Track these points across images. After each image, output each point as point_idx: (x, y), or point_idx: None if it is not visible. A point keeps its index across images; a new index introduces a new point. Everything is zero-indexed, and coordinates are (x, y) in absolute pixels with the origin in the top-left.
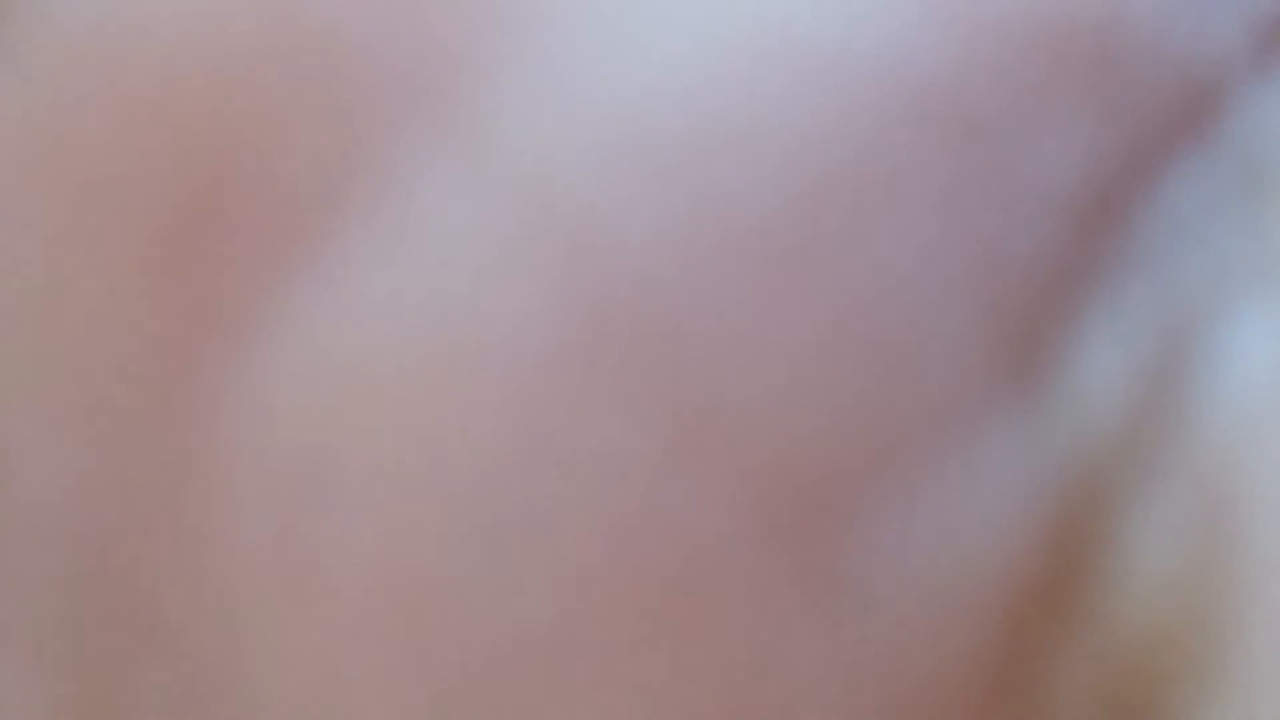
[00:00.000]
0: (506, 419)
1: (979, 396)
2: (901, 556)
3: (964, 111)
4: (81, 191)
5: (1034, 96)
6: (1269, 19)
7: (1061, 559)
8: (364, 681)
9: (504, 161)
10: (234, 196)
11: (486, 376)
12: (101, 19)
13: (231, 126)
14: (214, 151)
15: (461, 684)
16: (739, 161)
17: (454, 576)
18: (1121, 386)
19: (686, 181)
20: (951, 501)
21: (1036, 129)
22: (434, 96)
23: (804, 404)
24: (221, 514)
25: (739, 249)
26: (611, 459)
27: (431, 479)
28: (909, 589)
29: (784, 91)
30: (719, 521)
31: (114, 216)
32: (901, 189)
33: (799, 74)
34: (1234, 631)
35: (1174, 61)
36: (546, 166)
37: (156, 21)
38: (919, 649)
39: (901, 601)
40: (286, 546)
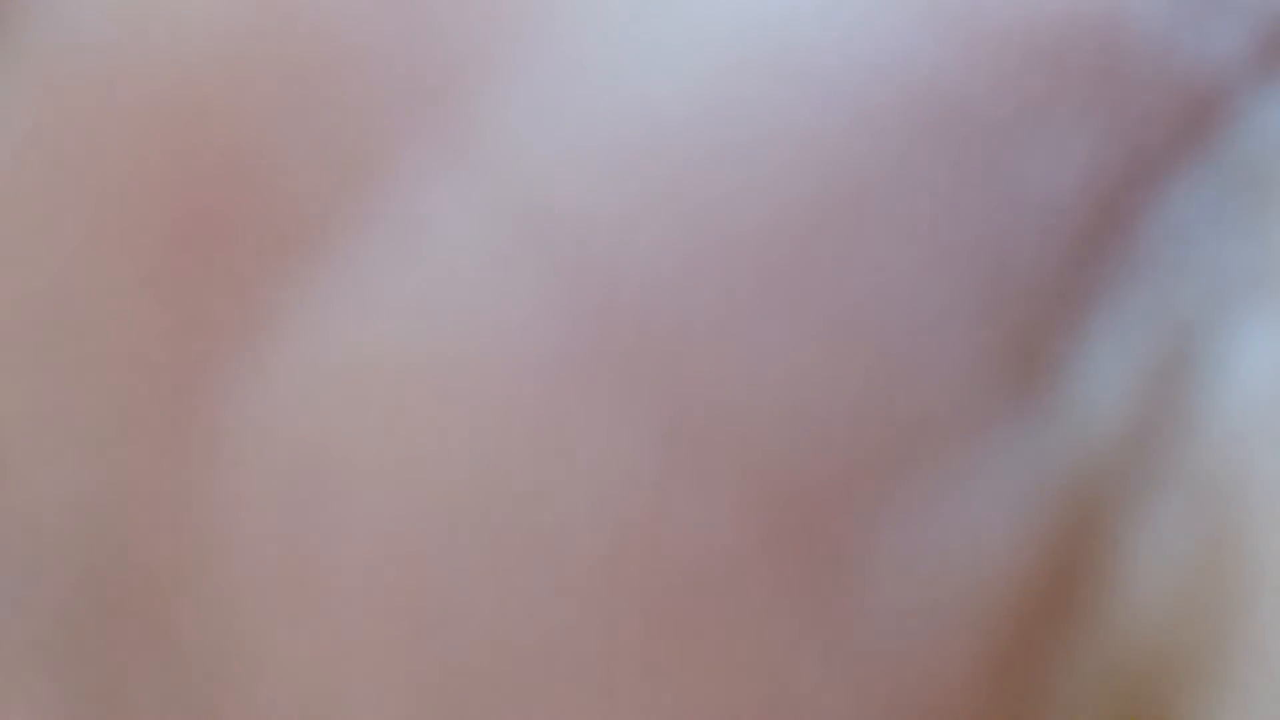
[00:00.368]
0: (509, 425)
1: (982, 404)
2: (905, 564)
3: (966, 119)
4: (87, 197)
5: (1036, 104)
6: (1271, 27)
7: (1064, 566)
8: (366, 685)
9: (508, 168)
10: (238, 203)
11: (489, 382)
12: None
13: (236, 133)
14: (218, 158)
15: (463, 689)
16: (741, 169)
17: (456, 582)
18: (1124, 393)
19: (689, 189)
20: (954, 509)
21: (1039, 136)
22: (439, 104)
23: (806, 411)
24: (225, 517)
25: (741, 256)
26: (614, 466)
27: (435, 485)
28: (912, 596)
29: (786, 99)
30: (721, 528)
31: (119, 221)
32: (904, 197)
33: (802, 82)
34: (1237, 638)
35: (1176, 69)
36: (550, 174)
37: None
38: (923, 656)
39: (905, 609)
40: (289, 550)
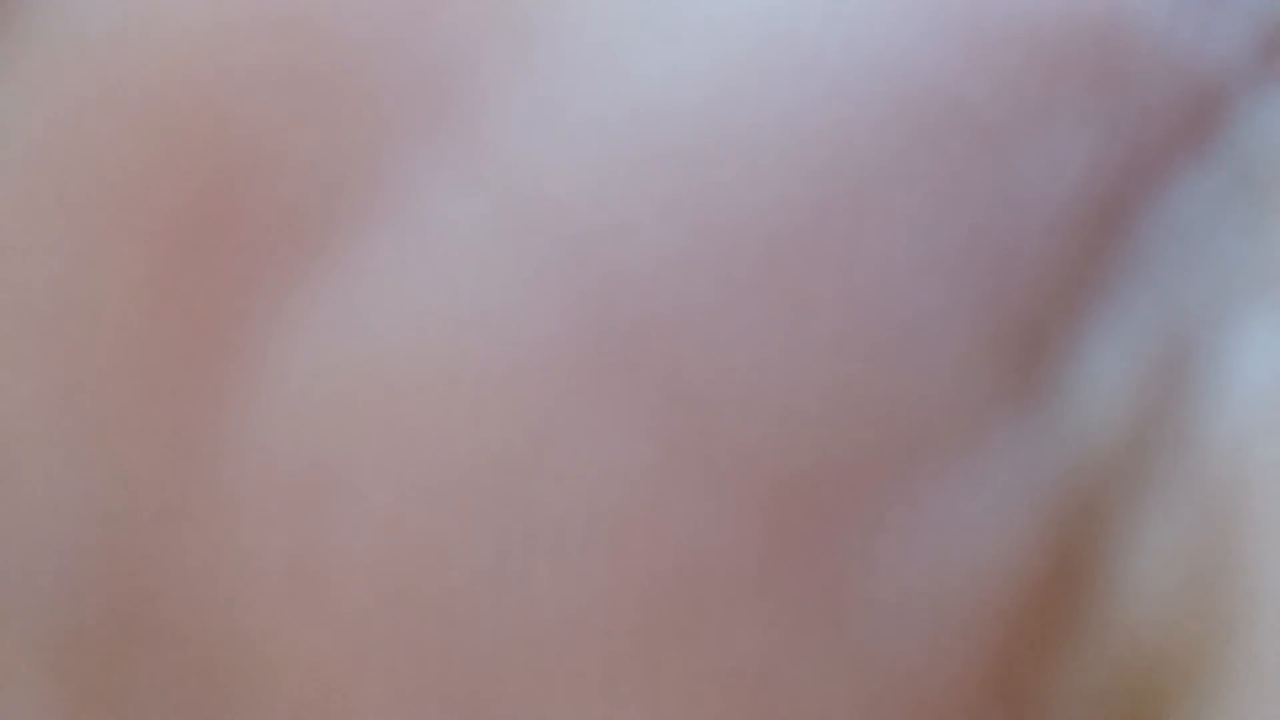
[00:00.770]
0: (511, 425)
1: (982, 403)
2: (905, 563)
3: (967, 117)
4: (90, 198)
5: (1038, 103)
6: (1272, 26)
7: (1064, 566)
8: (370, 685)
9: (509, 169)
10: (241, 205)
11: (491, 382)
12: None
13: (239, 134)
14: (221, 158)
15: (467, 689)
16: (743, 169)
17: (460, 582)
18: (1124, 393)
19: (690, 185)
20: (955, 508)
21: (1040, 135)
22: (440, 105)
23: (806, 408)
24: (230, 519)
25: (742, 253)
26: (616, 465)
27: (437, 486)
28: (912, 595)
29: (788, 98)
30: (722, 525)
31: (121, 224)
32: (905, 196)
33: (803, 81)
34: (1235, 639)
35: (1178, 68)
36: (551, 171)
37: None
38: (922, 655)
39: (905, 608)
40: (294, 550)
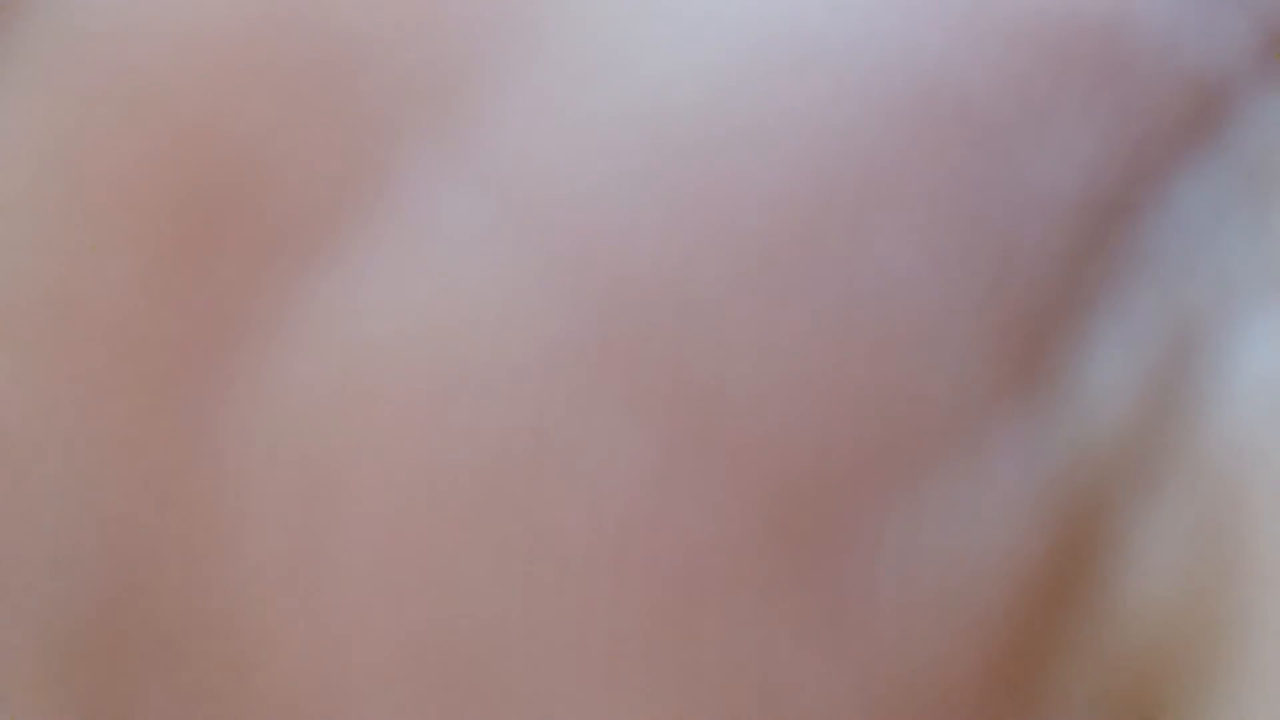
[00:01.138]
0: (514, 424)
1: (985, 400)
2: (908, 561)
3: (972, 114)
4: (90, 197)
5: (1042, 100)
6: (1275, 24)
7: (1066, 562)
8: (373, 683)
9: (512, 167)
10: (244, 202)
11: (494, 382)
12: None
13: (241, 133)
14: (223, 158)
15: (469, 687)
16: (747, 163)
17: (461, 579)
18: (1127, 390)
19: (694, 185)
20: (958, 506)
21: (1044, 132)
22: (443, 103)
23: (809, 406)
24: (231, 519)
25: (746, 250)
26: (618, 459)
27: (439, 485)
28: (914, 592)
29: (791, 97)
30: (725, 525)
31: (123, 222)
32: (909, 193)
33: (807, 78)
34: (1237, 635)
35: (1182, 66)
36: (555, 169)
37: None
38: (925, 653)
39: (908, 606)
40: (297, 549)
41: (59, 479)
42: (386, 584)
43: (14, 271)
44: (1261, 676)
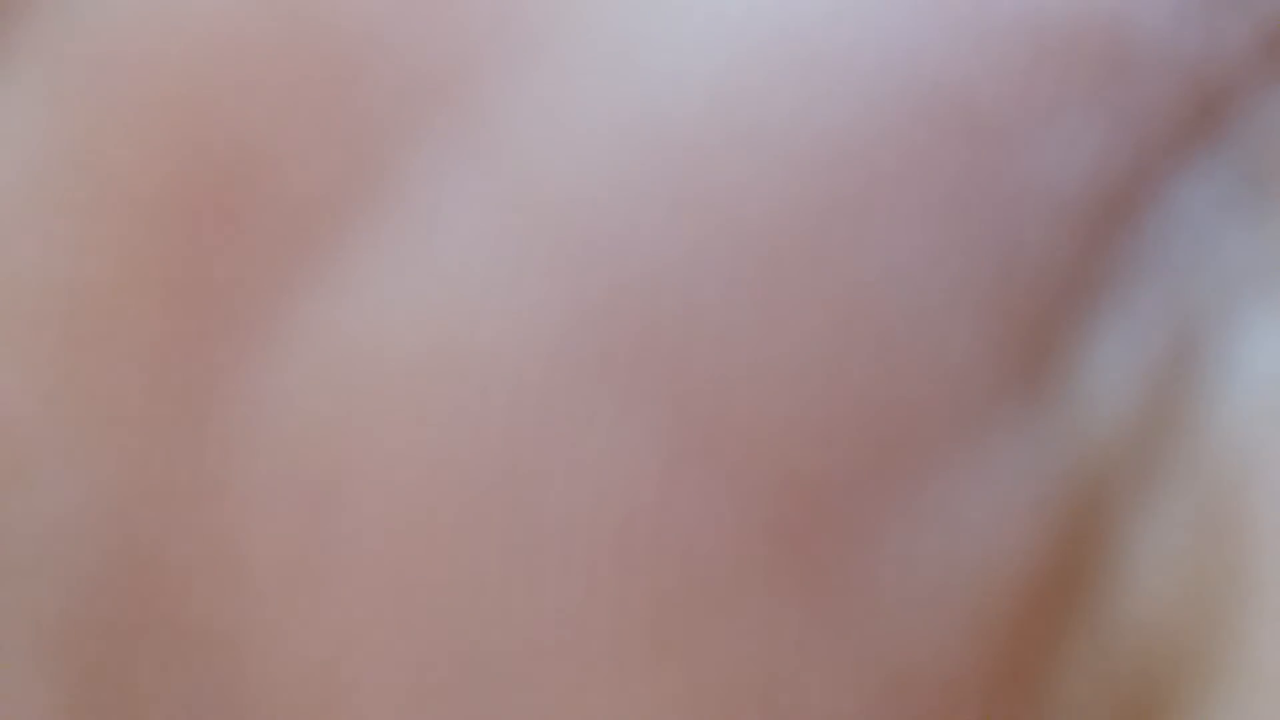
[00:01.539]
0: (516, 420)
1: (987, 399)
2: (910, 559)
3: (973, 115)
4: (98, 194)
5: (1043, 100)
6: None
7: (1067, 562)
8: (376, 679)
9: (515, 165)
10: (249, 198)
11: (497, 377)
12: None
13: (246, 129)
14: (228, 154)
15: (471, 683)
16: (750, 162)
17: (465, 576)
18: (1129, 390)
19: (696, 184)
20: (958, 504)
21: (1046, 132)
22: (448, 100)
23: (812, 405)
24: (239, 510)
25: (748, 248)
26: (620, 460)
27: (442, 481)
28: (916, 590)
29: (795, 93)
30: (727, 522)
31: (130, 218)
32: (911, 192)
33: (810, 75)
34: (1238, 635)
35: (1184, 66)
36: (558, 167)
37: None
38: (927, 651)
39: (908, 603)
40: (304, 542)
41: (63, 470)
42: (389, 581)
43: (16, 267)
44: (1263, 674)
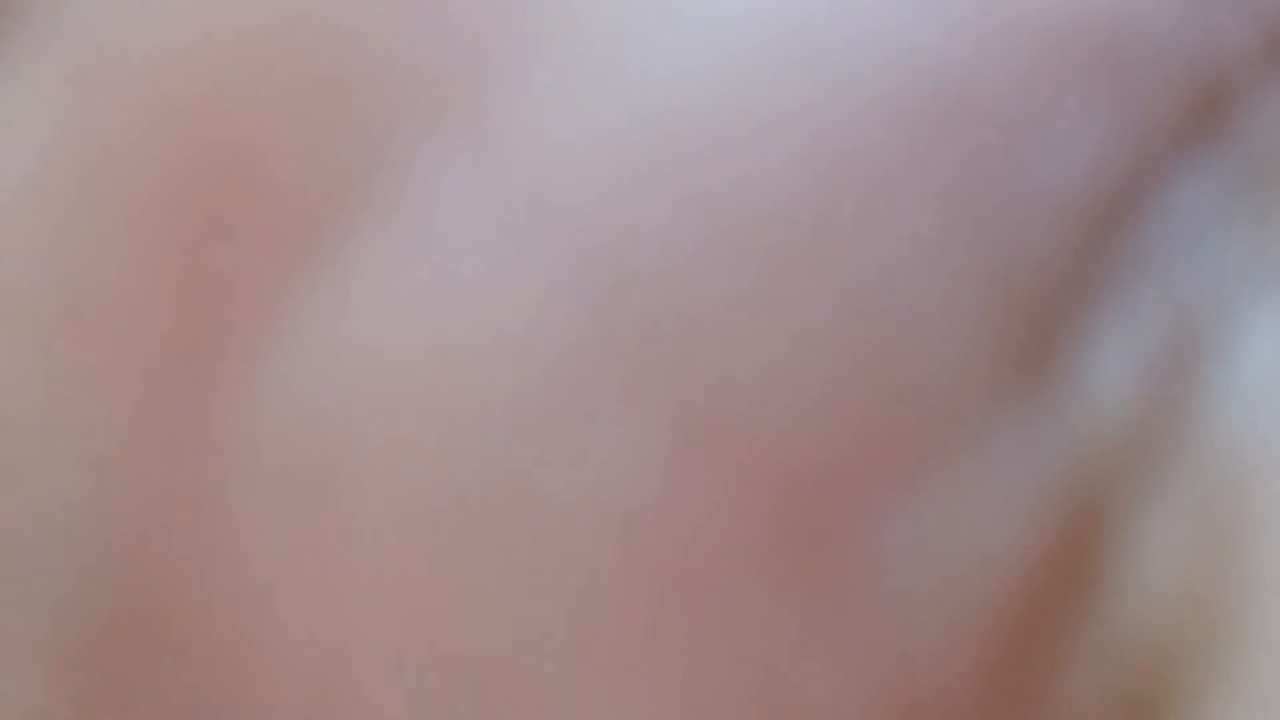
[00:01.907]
0: (517, 416)
1: (988, 395)
2: (911, 555)
3: (976, 110)
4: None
5: (1045, 96)
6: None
7: (1068, 560)
8: (377, 674)
9: (517, 160)
10: (248, 198)
11: (498, 373)
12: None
13: (248, 129)
14: (227, 154)
15: (472, 680)
16: (751, 159)
17: (466, 573)
18: (1129, 385)
19: (698, 180)
20: (960, 501)
21: (1047, 128)
22: (448, 97)
23: (813, 402)
24: (234, 512)
25: (750, 247)
26: (622, 456)
27: (443, 474)
28: (917, 587)
29: (797, 89)
30: (729, 519)
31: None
32: (912, 188)
33: (811, 71)
34: (1240, 634)
35: (1184, 62)
36: (559, 165)
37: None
38: (929, 648)
39: (909, 599)
40: (301, 545)
41: (62, 470)
42: (390, 579)
43: (18, 264)
44: (1264, 672)
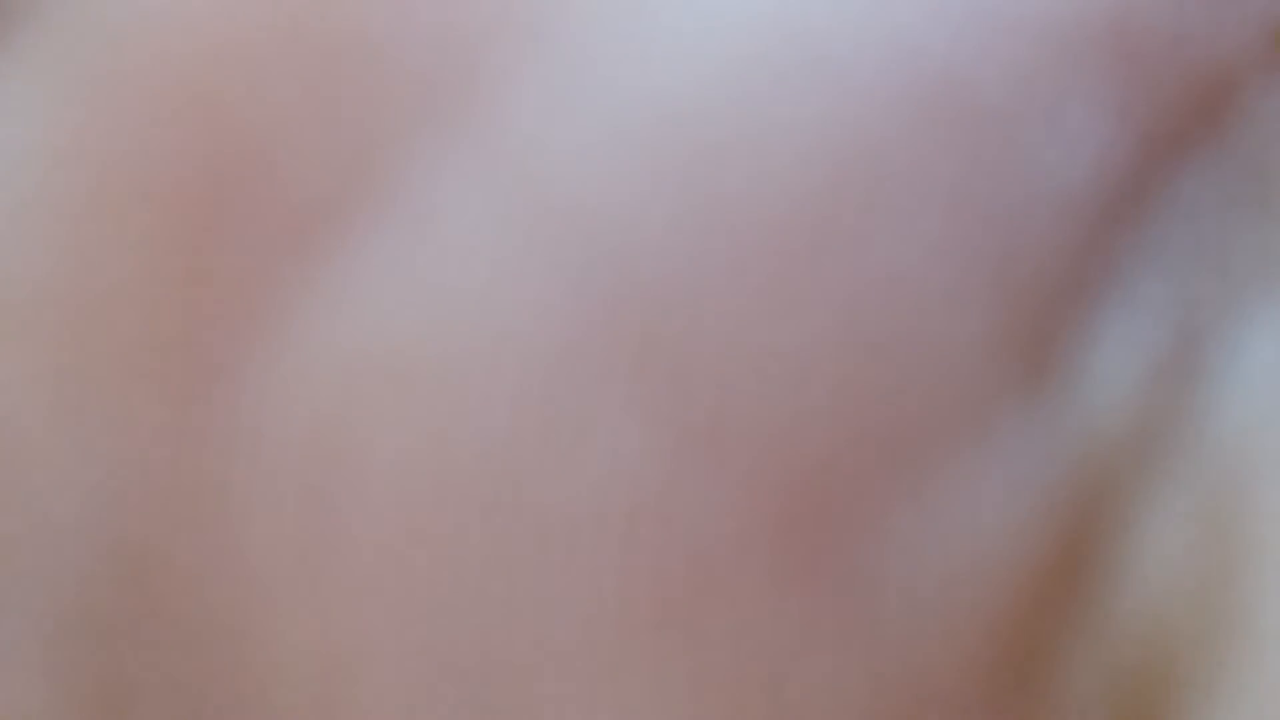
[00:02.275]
0: (520, 415)
1: (991, 393)
2: (913, 553)
3: (978, 109)
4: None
5: (1048, 94)
6: None
7: (1071, 555)
8: (380, 671)
9: (519, 159)
10: (254, 192)
11: (500, 372)
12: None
13: (250, 128)
14: (233, 149)
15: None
16: (753, 159)
17: (467, 572)
18: (1132, 383)
19: (700, 179)
20: (962, 498)
21: (1050, 126)
22: (451, 94)
23: (816, 400)
24: (241, 506)
25: (752, 245)
26: (625, 455)
27: (447, 475)
28: (920, 583)
29: (798, 90)
30: (732, 517)
31: (133, 212)
32: (914, 187)
33: (813, 72)
34: (1242, 630)
35: (1187, 59)
36: (563, 163)
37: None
38: (930, 644)
39: (912, 597)
40: (306, 537)
41: (68, 465)
42: (391, 577)
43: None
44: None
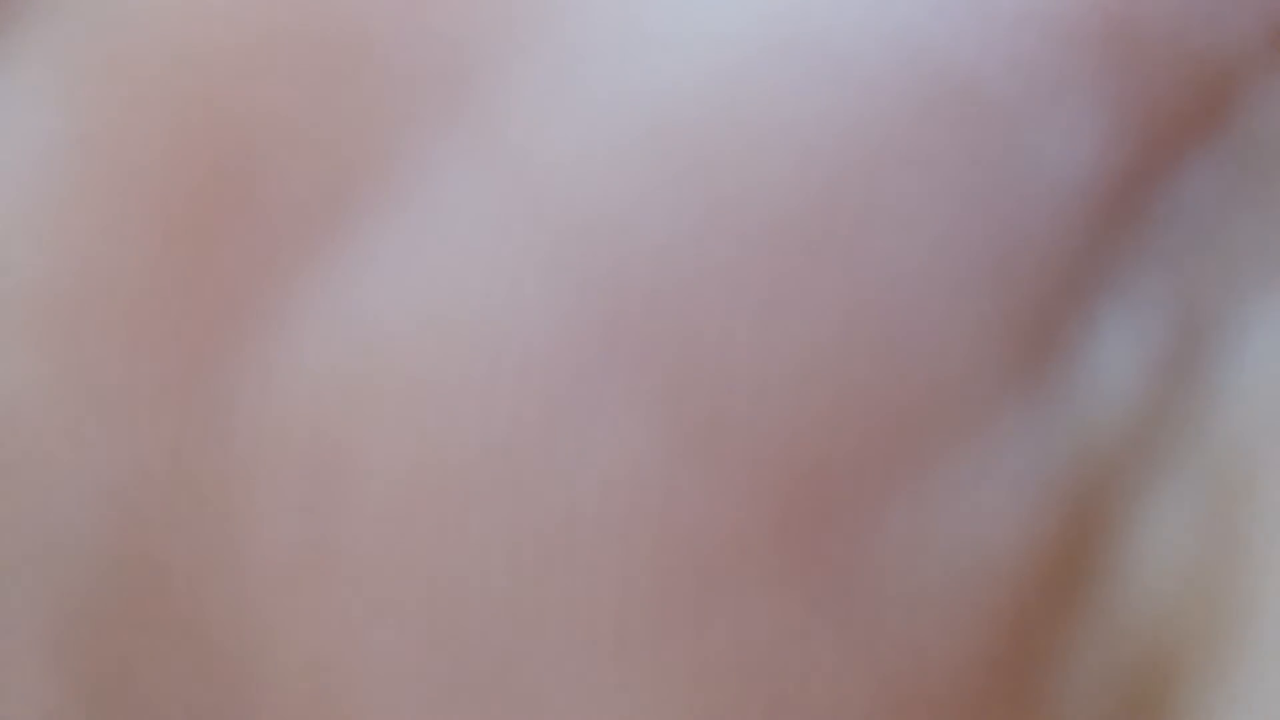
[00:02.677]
0: (522, 411)
1: (992, 389)
2: (914, 548)
3: (980, 103)
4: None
5: (1050, 89)
6: None
7: (1073, 551)
8: (383, 671)
9: (520, 157)
10: (254, 187)
11: (500, 373)
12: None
13: (252, 121)
14: (234, 143)
15: (477, 675)
16: (754, 155)
17: (470, 568)
18: (1134, 379)
19: (702, 176)
20: (964, 494)
21: (1053, 120)
22: (452, 91)
23: (818, 398)
24: (242, 506)
25: (754, 243)
26: (626, 451)
27: (447, 472)
28: (921, 579)
29: (799, 85)
30: (733, 515)
31: (134, 207)
32: (916, 182)
33: (815, 67)
34: (1244, 625)
35: (1190, 54)
36: (562, 162)
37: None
38: (931, 640)
39: (914, 593)
40: (305, 538)
41: (70, 461)
42: (393, 575)
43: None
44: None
